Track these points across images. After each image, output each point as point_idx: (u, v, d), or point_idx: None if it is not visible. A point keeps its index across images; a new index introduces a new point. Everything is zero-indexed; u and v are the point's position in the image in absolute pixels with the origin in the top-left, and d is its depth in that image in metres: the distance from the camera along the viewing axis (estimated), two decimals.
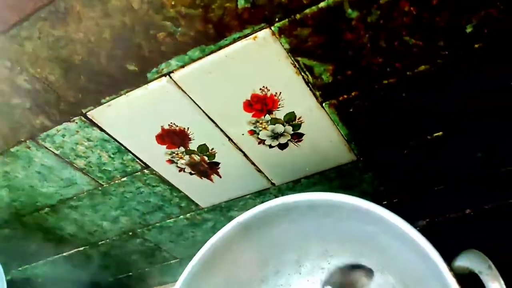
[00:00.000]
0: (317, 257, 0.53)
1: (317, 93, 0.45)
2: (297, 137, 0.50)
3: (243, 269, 0.54)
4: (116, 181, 0.56)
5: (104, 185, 0.56)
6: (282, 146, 0.51)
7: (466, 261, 0.37)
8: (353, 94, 0.45)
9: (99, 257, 0.72)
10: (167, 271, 0.76)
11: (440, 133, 0.50)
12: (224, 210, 0.61)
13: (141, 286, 0.79)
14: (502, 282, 0.34)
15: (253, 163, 0.54)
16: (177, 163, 0.53)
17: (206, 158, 0.53)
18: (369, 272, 0.50)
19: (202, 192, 0.58)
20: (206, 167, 0.54)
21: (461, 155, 0.51)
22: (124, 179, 0.56)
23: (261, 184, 0.57)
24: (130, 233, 0.66)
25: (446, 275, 0.38)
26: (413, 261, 0.44)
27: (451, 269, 0.38)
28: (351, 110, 0.47)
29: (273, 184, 0.57)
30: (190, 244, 0.68)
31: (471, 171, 0.52)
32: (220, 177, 0.55)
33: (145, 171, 0.54)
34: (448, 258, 0.40)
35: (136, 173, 0.55)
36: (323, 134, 0.50)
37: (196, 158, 0.53)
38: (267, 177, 0.56)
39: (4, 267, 0.63)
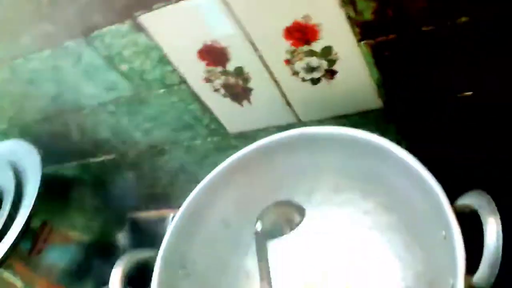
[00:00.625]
0: (329, 190, 0.55)
1: (356, 30, 0.46)
2: (331, 74, 0.52)
3: (257, 191, 0.57)
4: (154, 91, 0.59)
5: (142, 94, 0.60)
6: (315, 81, 0.53)
7: (468, 199, 0.39)
8: (390, 37, 0.47)
9: (126, 168, 0.76)
10: (189, 192, 0.80)
11: (470, 93, 0.51)
12: (250, 139, 0.64)
13: (162, 205, 0.84)
14: (498, 216, 0.36)
15: (284, 95, 0.56)
16: (213, 82, 0.56)
17: (241, 81, 0.55)
18: (301, 210, 0.51)
19: (231, 116, 0.61)
20: (239, 90, 0.57)
21: (487, 120, 0.52)
22: (162, 90, 0.59)
23: (288, 119, 0.59)
24: (159, 149, 0.70)
25: (447, 211, 0.40)
26: (419, 201, 0.46)
27: (454, 207, 0.40)
28: (386, 53, 0.48)
29: (299, 120, 0.59)
30: (214, 167, 0.71)
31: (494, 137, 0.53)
32: (251, 103, 0.58)
33: (182, 86, 0.58)
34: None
35: (174, 87, 0.58)
36: (356, 75, 0.51)
37: (232, 80, 0.55)
38: (295, 112, 0.58)
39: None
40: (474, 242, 0.39)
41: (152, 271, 0.55)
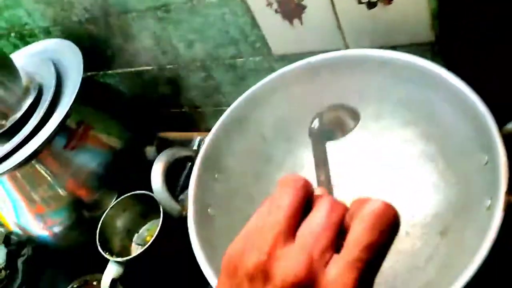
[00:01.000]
0: (368, 116, 0.56)
1: None
2: None
3: (295, 111, 0.58)
4: (206, 0, 0.59)
5: (194, 1, 0.60)
6: (371, 5, 0.53)
7: None
8: None
9: (163, 83, 0.77)
10: (218, 116, 0.81)
11: None
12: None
13: (192, 126, 0.85)
14: None
15: (337, 17, 0.56)
16: None
17: None
18: (356, 114, 0.49)
19: (279, 35, 0.61)
20: (293, 7, 0.57)
21: None
22: (214, 0, 0.59)
23: (336, 44, 0.59)
24: (199, 64, 0.71)
25: (494, 134, 0.41)
26: (462, 128, 0.47)
27: (501, 130, 0.41)
28: None
29: (347, 47, 0.59)
30: None
31: None
32: (302, 23, 0.58)
33: None
34: None
35: None
36: (413, 2, 0.51)
37: None
38: (344, 38, 0.58)
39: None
40: None
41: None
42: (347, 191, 0.57)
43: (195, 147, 0.85)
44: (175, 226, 0.67)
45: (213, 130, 0.54)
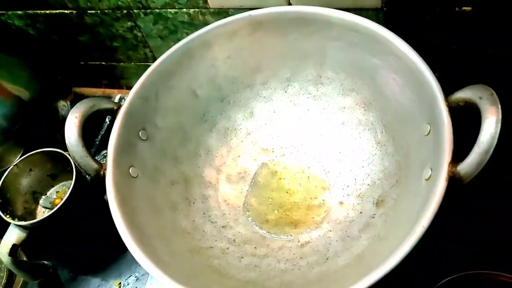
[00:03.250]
0: (308, 81, 0.53)
1: None
2: None
3: (232, 68, 0.53)
4: None
5: None
6: None
7: (467, 91, 0.38)
8: None
9: (82, 28, 0.69)
10: (141, 73, 0.75)
11: (469, 8, 0.50)
12: None
13: (110, 82, 0.78)
14: (500, 107, 0.36)
15: None
16: None
17: None
18: None
19: None
20: None
21: (481, 39, 0.52)
22: None
23: (278, 1, 0.55)
24: (125, 12, 0.64)
25: (439, 103, 0.39)
26: (407, 97, 0.45)
27: (447, 100, 0.40)
28: None
29: (289, 3, 0.56)
30: None
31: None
32: None
33: None
34: None
35: None
36: None
37: None
38: None
39: None
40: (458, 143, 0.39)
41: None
42: (282, 157, 0.54)
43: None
44: (88, 188, 0.62)
45: (139, 81, 0.49)
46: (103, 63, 0.75)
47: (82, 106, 0.45)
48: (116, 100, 0.77)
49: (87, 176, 0.45)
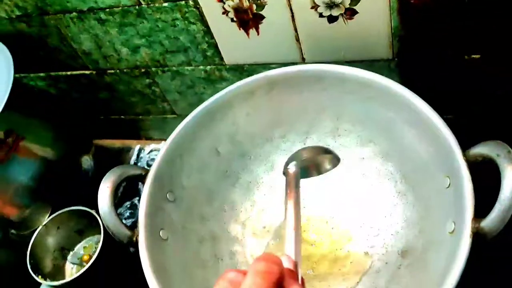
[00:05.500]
0: (326, 133, 0.55)
1: None
2: (350, 13, 0.51)
3: (254, 124, 0.55)
4: (156, 4, 0.55)
5: (143, 5, 0.56)
6: (332, 19, 0.52)
7: (484, 148, 0.40)
8: None
9: (102, 86, 0.71)
10: (160, 125, 0.77)
11: (478, 55, 0.52)
12: (245, 74, 0.62)
13: (129, 134, 0.80)
14: None
15: (295, 29, 0.54)
16: (224, 3, 0.53)
17: (254, 6, 0.53)
18: (336, 160, 0.47)
19: (232, 45, 0.58)
20: (250, 17, 0.54)
21: (490, 82, 0.54)
22: (166, 4, 0.55)
23: (292, 56, 0.58)
24: (143, 70, 0.66)
25: (458, 157, 0.41)
26: (423, 150, 0.47)
27: (465, 155, 0.41)
28: (411, 1, 0.48)
29: (303, 59, 0.58)
30: (195, 101, 0.69)
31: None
32: (258, 34, 0.56)
33: (190, 2, 0.54)
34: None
35: (180, 1, 0.54)
36: (375, 19, 0.51)
37: (245, 4, 0.53)
38: (301, 50, 0.57)
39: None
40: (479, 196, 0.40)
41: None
42: (305, 209, 0.56)
43: (134, 157, 0.81)
44: (116, 245, 0.63)
45: (165, 146, 0.51)
46: (122, 116, 0.78)
47: (112, 175, 0.47)
48: (136, 150, 0.80)
49: (121, 241, 0.46)
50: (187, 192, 0.52)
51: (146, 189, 0.48)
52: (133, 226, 0.47)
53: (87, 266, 0.58)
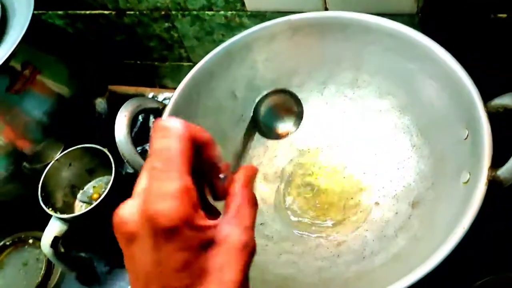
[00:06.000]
0: (345, 84, 0.55)
1: None
2: None
3: (273, 70, 0.55)
4: None
5: None
6: None
7: (506, 98, 0.40)
8: None
9: (120, 28, 0.71)
10: (175, 73, 0.77)
11: (505, 15, 0.51)
12: (265, 21, 0.61)
13: (144, 80, 0.80)
14: None
15: None
16: None
17: None
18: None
19: None
20: None
21: None
22: None
23: (315, 5, 0.57)
24: (163, 13, 0.66)
25: (478, 108, 0.41)
26: (444, 102, 0.46)
27: (486, 106, 0.41)
28: None
29: (326, 9, 0.57)
30: (213, 49, 0.68)
31: None
32: None
33: None
34: None
35: None
36: None
37: None
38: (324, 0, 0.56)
39: None
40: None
41: None
42: (318, 157, 0.56)
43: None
44: (125, 184, 0.64)
45: (183, 82, 0.50)
46: (138, 62, 0.77)
47: (130, 105, 0.47)
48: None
49: (136, 170, 0.47)
50: None
51: None
52: None
53: (96, 202, 0.58)
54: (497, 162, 0.39)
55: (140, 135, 0.75)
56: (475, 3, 0.51)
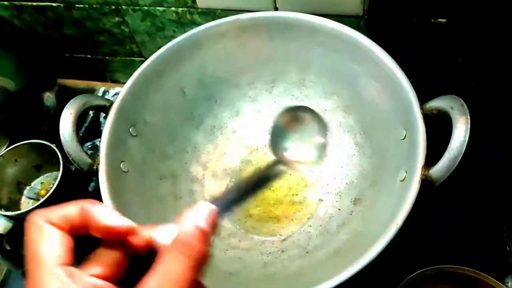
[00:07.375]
0: (292, 84, 0.56)
1: None
2: None
3: (222, 68, 0.56)
4: None
5: None
6: None
7: (440, 101, 0.42)
8: None
9: (69, 22, 0.69)
10: (126, 68, 0.76)
11: (444, 20, 0.54)
12: (216, 19, 0.61)
13: (95, 75, 0.79)
14: (469, 118, 0.39)
15: None
16: None
17: None
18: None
19: None
20: None
21: (452, 49, 0.56)
22: None
23: (264, 3, 0.58)
24: (113, 7, 0.65)
25: (415, 110, 0.43)
26: (384, 103, 0.48)
27: (422, 108, 0.43)
28: None
29: (276, 8, 0.58)
30: (164, 45, 0.68)
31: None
32: None
33: None
34: None
35: None
36: None
37: None
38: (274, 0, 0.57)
39: None
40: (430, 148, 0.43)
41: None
42: (266, 154, 0.57)
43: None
44: (73, 180, 0.63)
45: (131, 79, 0.50)
46: (89, 56, 0.76)
47: (76, 102, 0.47)
48: (100, 93, 0.79)
49: (81, 169, 0.46)
50: (150, 128, 0.52)
51: (109, 120, 0.48)
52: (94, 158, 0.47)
53: (44, 198, 0.57)
54: (432, 161, 0.42)
55: (90, 130, 0.74)
56: (417, 7, 0.53)
